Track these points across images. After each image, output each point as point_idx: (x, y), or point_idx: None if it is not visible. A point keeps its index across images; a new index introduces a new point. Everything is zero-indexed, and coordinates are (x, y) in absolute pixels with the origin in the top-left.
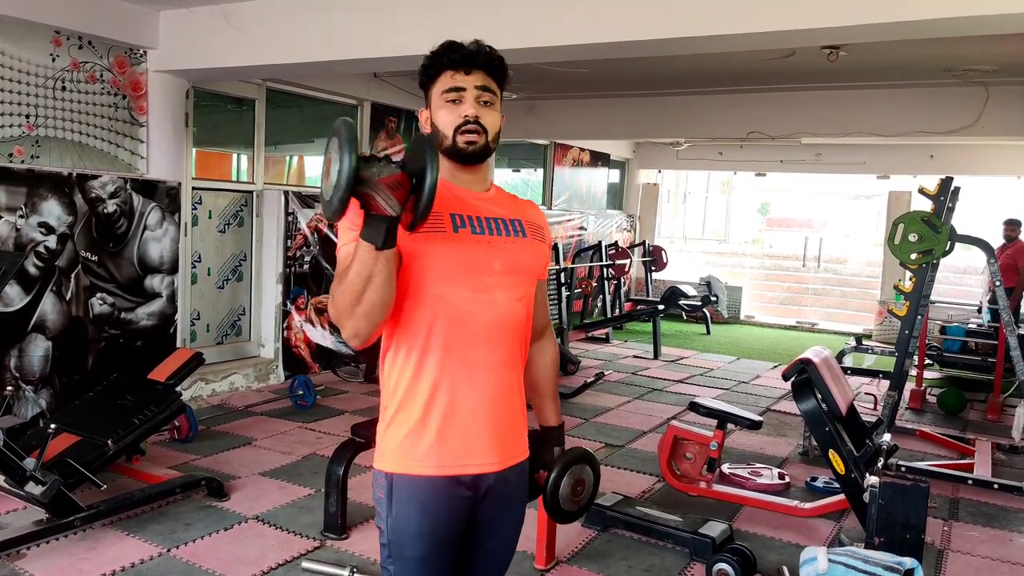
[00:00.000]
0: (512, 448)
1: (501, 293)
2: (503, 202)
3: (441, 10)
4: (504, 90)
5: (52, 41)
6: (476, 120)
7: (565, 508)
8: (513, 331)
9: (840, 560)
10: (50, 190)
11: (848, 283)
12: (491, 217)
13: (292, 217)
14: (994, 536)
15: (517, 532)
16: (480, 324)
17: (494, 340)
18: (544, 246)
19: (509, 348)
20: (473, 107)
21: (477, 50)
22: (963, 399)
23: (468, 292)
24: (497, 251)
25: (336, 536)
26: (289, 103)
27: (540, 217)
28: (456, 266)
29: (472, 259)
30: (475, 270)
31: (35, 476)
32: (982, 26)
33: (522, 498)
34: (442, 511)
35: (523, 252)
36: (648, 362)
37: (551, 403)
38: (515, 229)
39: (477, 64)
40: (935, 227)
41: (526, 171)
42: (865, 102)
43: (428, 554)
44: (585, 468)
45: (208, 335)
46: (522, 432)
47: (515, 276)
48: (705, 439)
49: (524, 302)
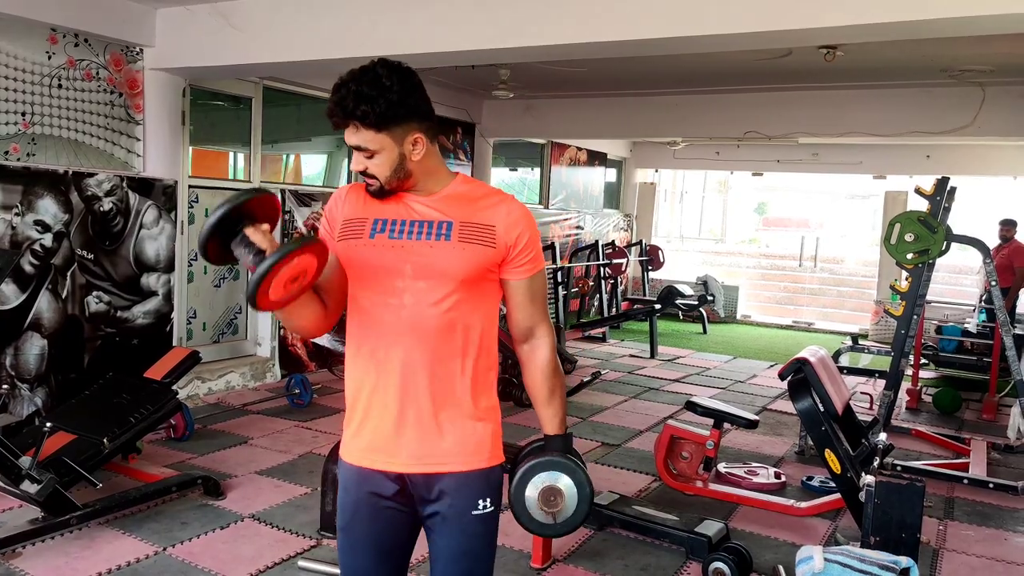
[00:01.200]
0: (433, 455)
1: (412, 297)
2: (452, 201)
3: (437, 8)
4: (409, 117)
5: (48, 39)
6: (364, 172)
7: (538, 520)
8: (436, 336)
9: (836, 559)
10: (46, 188)
11: (844, 283)
12: (416, 220)
13: (289, 216)
14: (989, 535)
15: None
16: (387, 326)
17: (408, 343)
18: (483, 248)
19: (433, 353)
20: (357, 163)
21: (340, 101)
22: (959, 399)
23: (377, 296)
24: (410, 255)
25: (332, 535)
26: (286, 101)
27: (503, 216)
28: (367, 270)
29: (383, 263)
30: (385, 274)
31: (31, 475)
32: (978, 27)
33: (466, 508)
34: (360, 497)
35: (441, 256)
36: (645, 361)
37: (545, 409)
38: (439, 232)
39: (343, 117)
40: (931, 227)
41: (523, 170)
42: (862, 102)
43: (345, 525)
44: (560, 477)
45: (204, 334)
46: (457, 442)
47: (430, 280)
48: (701, 438)
49: (450, 306)
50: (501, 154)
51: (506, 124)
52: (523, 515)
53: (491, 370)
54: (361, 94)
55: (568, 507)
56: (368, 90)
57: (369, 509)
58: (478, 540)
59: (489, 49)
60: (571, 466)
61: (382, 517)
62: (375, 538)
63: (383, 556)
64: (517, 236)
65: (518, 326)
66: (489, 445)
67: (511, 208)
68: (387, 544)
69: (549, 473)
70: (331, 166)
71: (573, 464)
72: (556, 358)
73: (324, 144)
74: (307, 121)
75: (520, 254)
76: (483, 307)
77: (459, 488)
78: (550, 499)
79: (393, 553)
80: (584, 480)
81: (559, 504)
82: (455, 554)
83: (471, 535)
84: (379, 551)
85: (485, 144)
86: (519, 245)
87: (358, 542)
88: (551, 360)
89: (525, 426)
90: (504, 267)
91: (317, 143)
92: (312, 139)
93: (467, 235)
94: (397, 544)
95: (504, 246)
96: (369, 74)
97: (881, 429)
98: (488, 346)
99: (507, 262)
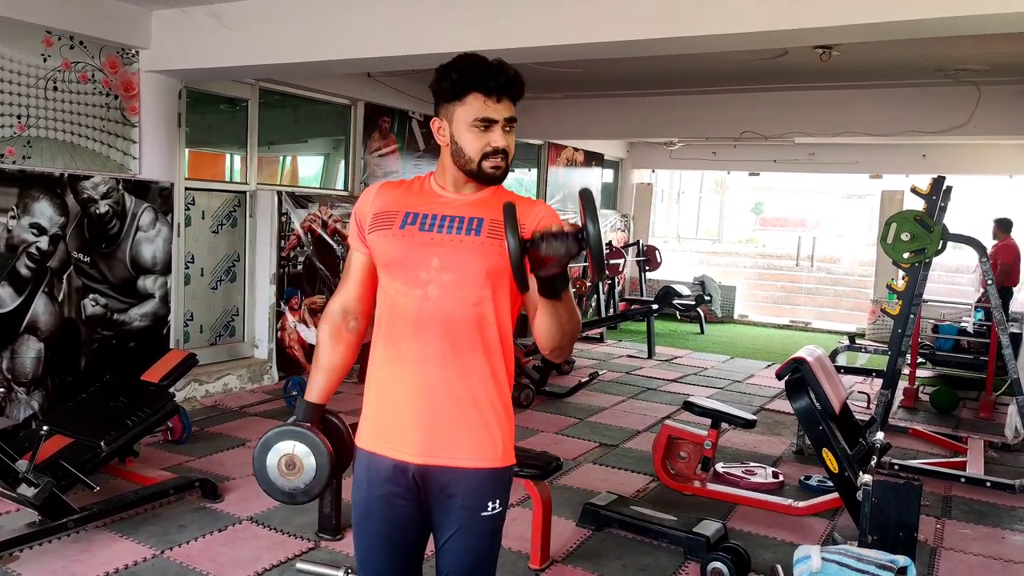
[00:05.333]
0: (448, 448)
1: (437, 289)
2: (486, 203)
3: (434, 10)
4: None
5: (43, 41)
6: (504, 149)
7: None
8: (458, 329)
9: (833, 558)
10: (42, 191)
11: (841, 282)
12: (447, 215)
13: (285, 217)
14: (987, 534)
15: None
16: (409, 317)
17: (430, 335)
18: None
19: (454, 345)
20: (503, 138)
21: (511, 79)
22: (955, 397)
23: (402, 285)
24: (438, 247)
25: (331, 537)
26: (282, 103)
27: (533, 216)
28: (395, 259)
29: (410, 253)
30: (412, 265)
31: (27, 478)
32: (973, 26)
33: (477, 508)
34: (374, 483)
35: (469, 250)
36: (642, 361)
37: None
38: (469, 227)
39: (509, 94)
40: (928, 226)
41: (520, 171)
42: (858, 102)
43: (359, 520)
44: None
45: (201, 336)
46: (473, 437)
47: (455, 273)
48: (699, 438)
49: (475, 301)
50: None
51: None
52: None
53: (508, 367)
54: (518, 74)
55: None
56: (518, 73)
57: (382, 503)
58: (485, 540)
59: (488, 50)
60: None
61: (395, 512)
62: (388, 533)
63: (396, 550)
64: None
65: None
66: (503, 444)
67: (540, 208)
68: (400, 539)
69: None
70: (328, 168)
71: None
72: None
73: (321, 146)
74: (304, 123)
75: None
76: (505, 305)
77: (471, 487)
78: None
79: (406, 547)
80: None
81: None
82: (462, 551)
83: (479, 535)
84: (392, 545)
85: None
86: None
87: (372, 536)
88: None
89: (525, 427)
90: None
91: (314, 145)
92: (309, 141)
93: (496, 232)
94: (410, 538)
95: None
96: (501, 62)
97: (878, 428)
98: (507, 344)
99: None
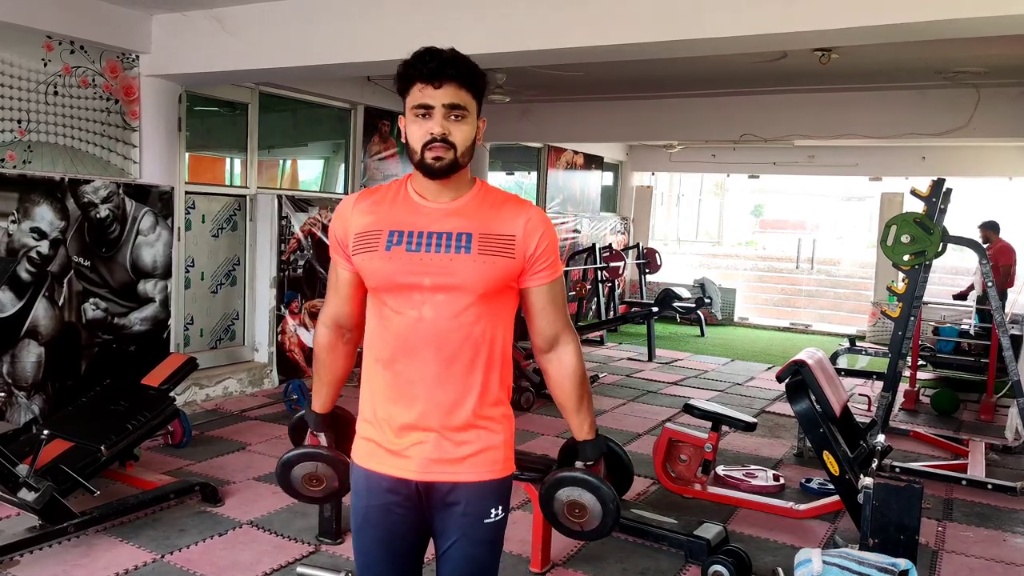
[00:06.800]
0: (448, 465)
1: (432, 309)
2: (470, 212)
3: (433, 14)
4: (482, 98)
5: (44, 46)
6: (443, 137)
7: (566, 525)
8: (454, 347)
9: (834, 561)
10: (42, 195)
11: (841, 285)
12: (433, 232)
13: (285, 221)
14: (988, 536)
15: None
16: (405, 338)
17: (426, 355)
18: (503, 260)
19: (451, 364)
20: (440, 124)
21: (445, 62)
22: (956, 400)
23: (395, 307)
24: (428, 268)
25: (331, 541)
26: (282, 107)
27: (523, 225)
28: (384, 284)
29: (401, 276)
30: (404, 287)
31: (28, 482)
32: (972, 29)
33: (479, 516)
34: (373, 492)
35: (461, 269)
36: (642, 364)
37: (574, 416)
38: (459, 245)
39: (446, 77)
40: (927, 228)
41: (520, 174)
42: (857, 104)
43: (358, 528)
44: (583, 493)
45: (202, 340)
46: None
47: (449, 293)
48: (700, 441)
49: (470, 319)
50: (498, 158)
51: (502, 128)
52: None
53: (507, 380)
54: (460, 57)
55: (593, 519)
56: (463, 56)
57: (380, 512)
58: (487, 546)
59: (488, 54)
60: (592, 481)
61: (393, 520)
62: (387, 541)
63: (396, 557)
64: (536, 243)
65: (541, 334)
66: (503, 456)
67: (530, 216)
68: (399, 546)
69: (571, 488)
70: (328, 171)
71: (596, 481)
72: (583, 363)
73: (321, 149)
74: (304, 126)
75: (539, 260)
76: (501, 318)
77: (472, 497)
78: (575, 512)
79: (405, 553)
80: (608, 497)
81: (584, 516)
82: (464, 559)
83: (481, 541)
84: (391, 552)
85: (481, 148)
86: (537, 252)
87: (370, 544)
88: (579, 367)
89: (525, 430)
90: (523, 276)
91: (314, 148)
92: (309, 144)
93: (487, 247)
94: (409, 545)
95: (523, 255)
96: (451, 50)
97: (879, 431)
98: (505, 356)
99: (526, 271)
